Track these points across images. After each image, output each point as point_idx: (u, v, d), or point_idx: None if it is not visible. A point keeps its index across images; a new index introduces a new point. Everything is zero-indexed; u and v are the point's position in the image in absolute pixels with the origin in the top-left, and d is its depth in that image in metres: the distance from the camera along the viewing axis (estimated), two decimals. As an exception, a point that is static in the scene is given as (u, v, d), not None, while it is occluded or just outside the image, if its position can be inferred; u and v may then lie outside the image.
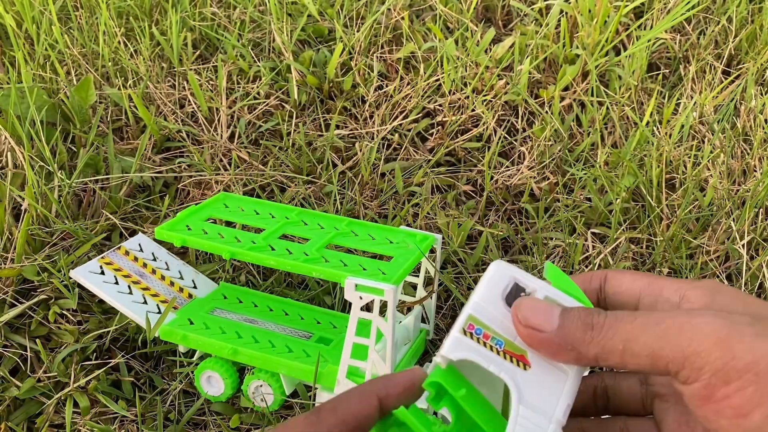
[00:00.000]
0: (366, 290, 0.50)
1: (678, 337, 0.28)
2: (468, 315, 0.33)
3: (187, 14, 0.93)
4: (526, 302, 0.32)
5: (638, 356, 0.29)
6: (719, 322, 0.28)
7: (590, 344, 0.30)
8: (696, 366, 0.28)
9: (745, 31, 0.94)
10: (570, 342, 0.31)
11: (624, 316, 0.30)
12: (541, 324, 0.31)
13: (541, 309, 0.32)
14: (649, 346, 0.29)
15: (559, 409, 0.32)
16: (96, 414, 0.59)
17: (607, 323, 0.30)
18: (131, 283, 0.61)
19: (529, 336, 0.31)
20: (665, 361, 0.28)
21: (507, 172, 0.80)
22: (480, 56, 0.88)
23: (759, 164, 0.80)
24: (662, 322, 0.29)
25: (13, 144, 0.73)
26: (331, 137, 0.80)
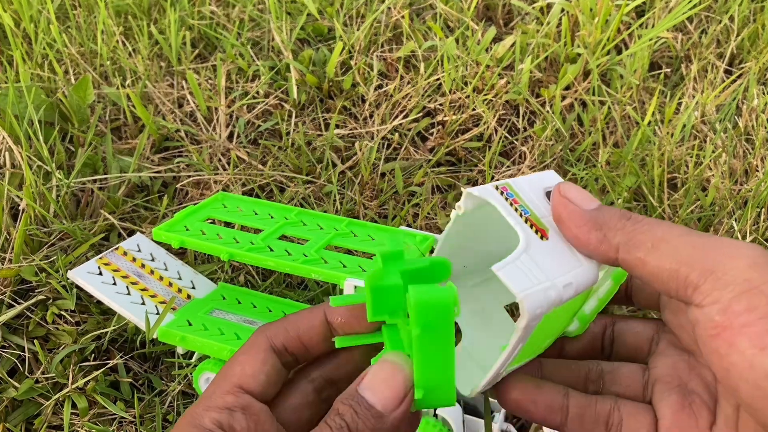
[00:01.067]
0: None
1: (713, 251, 0.26)
2: (506, 181, 0.33)
3: (186, 13, 0.93)
4: (571, 185, 0.31)
5: (664, 258, 0.27)
6: (762, 251, 0.26)
7: (620, 230, 0.29)
8: (721, 282, 0.25)
9: (747, 30, 0.93)
10: (600, 223, 0.29)
11: (664, 222, 0.28)
12: (579, 200, 0.30)
13: (584, 193, 0.30)
14: (679, 250, 0.27)
15: (562, 279, 0.30)
16: (94, 415, 0.59)
17: (645, 220, 0.29)
18: (129, 283, 0.61)
19: (563, 205, 0.30)
20: (690, 270, 0.26)
21: (508, 171, 0.80)
22: (481, 55, 0.87)
23: (761, 164, 0.79)
24: (702, 236, 0.27)
25: (11, 143, 0.72)
26: (331, 137, 0.80)
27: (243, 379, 0.30)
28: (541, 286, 0.29)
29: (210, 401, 0.29)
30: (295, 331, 0.31)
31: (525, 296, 0.28)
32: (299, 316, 0.32)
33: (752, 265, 0.25)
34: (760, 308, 0.24)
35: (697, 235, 0.27)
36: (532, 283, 0.29)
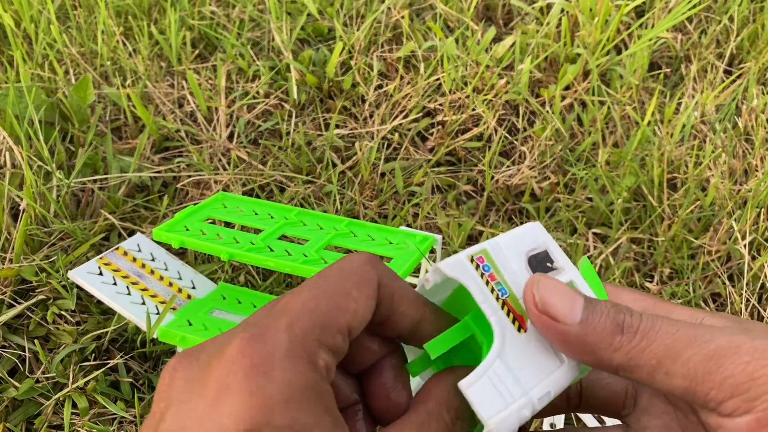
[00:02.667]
0: None
1: (733, 360, 0.23)
2: (482, 248, 0.29)
3: (186, 13, 0.93)
4: (547, 282, 0.26)
5: (673, 377, 0.24)
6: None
7: (616, 351, 0.25)
8: (751, 395, 0.23)
9: (746, 31, 0.94)
10: (592, 343, 0.25)
11: (664, 324, 0.25)
12: (561, 313, 0.26)
13: (564, 295, 0.26)
14: (691, 367, 0.24)
15: (537, 390, 0.27)
16: (95, 415, 0.59)
17: (642, 329, 0.25)
18: (130, 283, 0.61)
19: (544, 324, 0.26)
20: (709, 386, 0.24)
21: (508, 171, 0.80)
22: (480, 55, 0.87)
23: (761, 164, 0.79)
24: (714, 339, 0.24)
25: (11, 143, 0.72)
26: (331, 137, 0.80)
27: (354, 321, 0.24)
28: (515, 406, 0.26)
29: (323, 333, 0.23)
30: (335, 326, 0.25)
31: (495, 424, 0.25)
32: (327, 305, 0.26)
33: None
34: None
35: (704, 338, 0.24)
36: (505, 403, 0.26)
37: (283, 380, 0.21)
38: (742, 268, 0.69)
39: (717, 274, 0.69)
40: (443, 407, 0.25)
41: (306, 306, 0.23)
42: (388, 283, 0.26)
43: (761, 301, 0.68)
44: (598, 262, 0.70)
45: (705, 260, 0.70)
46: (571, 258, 0.70)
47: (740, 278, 0.69)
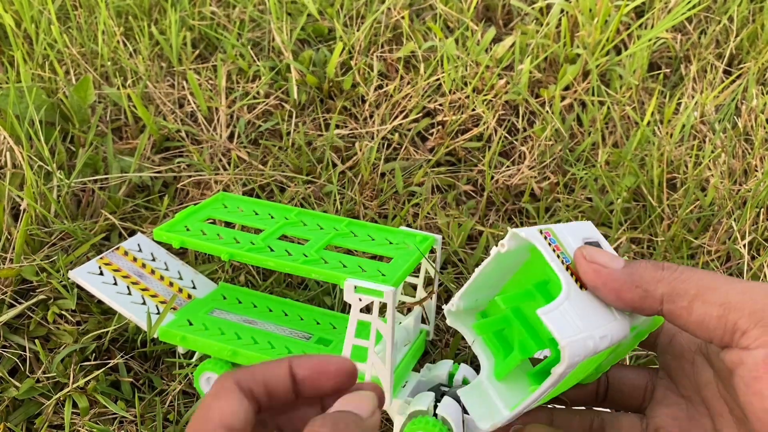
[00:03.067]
0: (365, 292, 0.50)
1: (761, 296, 0.26)
2: (549, 227, 0.34)
3: (187, 13, 0.93)
4: (593, 248, 0.31)
5: (710, 304, 0.27)
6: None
7: (660, 282, 0.29)
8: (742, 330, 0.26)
9: (746, 31, 0.94)
10: (637, 279, 0.29)
11: (700, 270, 0.29)
12: (607, 261, 0.30)
13: (608, 253, 0.31)
14: (726, 296, 0.27)
15: (599, 331, 0.31)
16: (95, 415, 0.59)
17: (680, 269, 0.29)
18: (130, 283, 0.61)
19: (594, 271, 0.30)
20: (738, 315, 0.26)
21: (507, 171, 0.80)
22: (480, 56, 0.87)
23: (760, 164, 0.79)
24: (746, 282, 0.27)
25: (11, 144, 0.72)
26: (331, 137, 0.80)
27: (225, 418, 0.29)
28: (581, 336, 0.30)
29: None
30: (261, 377, 0.31)
31: (567, 344, 0.29)
32: (266, 364, 0.32)
33: None
34: None
35: (740, 281, 0.27)
36: (574, 332, 0.30)
37: None
38: (742, 268, 0.69)
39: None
40: None
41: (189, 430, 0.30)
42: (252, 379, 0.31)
43: (761, 301, 0.68)
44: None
45: (705, 260, 0.70)
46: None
47: (740, 278, 0.69)
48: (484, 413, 0.34)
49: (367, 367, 0.52)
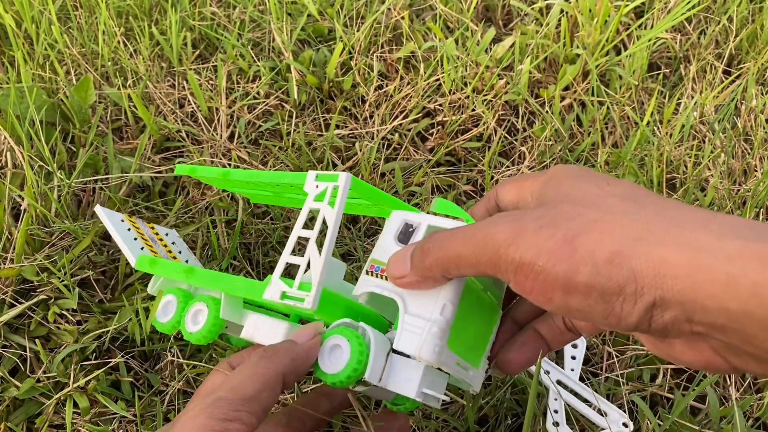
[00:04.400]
0: (323, 178, 0.44)
1: (485, 248, 0.33)
2: (370, 258, 0.42)
3: (187, 14, 0.93)
4: (392, 257, 0.39)
5: (467, 267, 0.35)
6: (510, 227, 0.33)
7: (432, 268, 0.36)
8: (503, 268, 0.33)
9: (745, 31, 0.94)
10: (420, 273, 0.37)
11: (446, 236, 0.36)
12: (399, 272, 0.38)
13: (399, 258, 0.38)
14: (469, 258, 0.34)
15: (436, 310, 0.38)
16: (95, 414, 0.59)
17: (434, 246, 0.36)
18: (141, 239, 0.59)
19: (399, 285, 0.39)
20: (484, 267, 0.34)
21: (507, 172, 0.80)
22: (480, 56, 0.87)
23: (759, 164, 0.79)
24: (473, 236, 0.34)
25: (12, 144, 0.72)
26: (331, 137, 0.80)
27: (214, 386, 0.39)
28: (425, 331, 0.37)
29: (188, 414, 0.37)
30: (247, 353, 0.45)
31: (418, 351, 0.37)
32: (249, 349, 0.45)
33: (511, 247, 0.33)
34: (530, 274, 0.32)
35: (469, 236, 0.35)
36: (418, 336, 0.37)
37: None
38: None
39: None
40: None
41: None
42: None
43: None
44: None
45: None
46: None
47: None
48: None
49: (303, 259, 0.43)
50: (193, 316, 0.49)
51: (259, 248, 0.71)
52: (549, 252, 0.31)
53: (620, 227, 0.31)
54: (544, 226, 0.32)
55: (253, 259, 0.71)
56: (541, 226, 0.32)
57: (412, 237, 0.42)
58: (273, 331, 0.44)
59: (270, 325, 0.45)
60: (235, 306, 0.49)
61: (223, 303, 0.48)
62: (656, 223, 0.30)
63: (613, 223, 0.31)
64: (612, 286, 0.30)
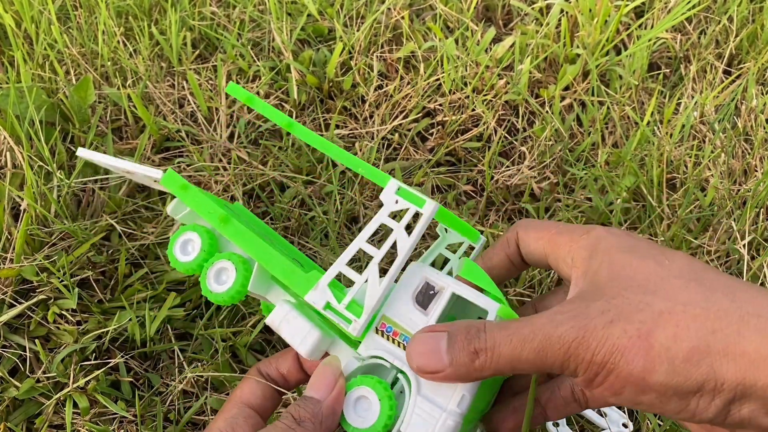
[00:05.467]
0: (406, 196, 0.40)
1: (550, 349, 0.32)
2: (382, 315, 0.38)
3: (187, 14, 0.93)
4: (416, 347, 0.35)
5: (525, 368, 0.33)
6: (575, 326, 0.32)
7: (483, 370, 0.34)
8: (572, 368, 0.32)
9: (746, 31, 0.94)
10: (463, 374, 0.34)
11: (501, 336, 0.33)
12: (432, 366, 0.34)
13: (430, 349, 0.34)
14: (530, 361, 0.33)
15: (454, 401, 0.35)
16: (95, 414, 0.59)
17: (488, 347, 0.33)
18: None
19: (427, 378, 0.35)
20: (548, 367, 0.33)
21: (507, 171, 0.80)
22: (480, 56, 0.87)
23: (760, 164, 0.79)
24: (534, 338, 0.32)
25: (12, 144, 0.72)
26: (331, 137, 0.80)
27: (243, 396, 0.38)
28: (439, 422, 0.35)
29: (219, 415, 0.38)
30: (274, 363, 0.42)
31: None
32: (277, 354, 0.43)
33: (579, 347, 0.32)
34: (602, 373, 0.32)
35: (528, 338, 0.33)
36: (431, 425, 0.35)
37: None
38: (742, 268, 0.69)
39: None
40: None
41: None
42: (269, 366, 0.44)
43: (760, 301, 0.68)
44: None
45: (704, 260, 0.70)
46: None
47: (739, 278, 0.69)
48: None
49: (360, 278, 0.40)
50: (216, 273, 0.44)
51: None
52: (623, 350, 0.30)
53: (693, 319, 0.30)
54: (613, 321, 0.31)
55: (253, 259, 0.71)
56: (611, 320, 0.31)
57: (434, 302, 0.38)
58: (302, 335, 0.40)
59: (301, 326, 0.40)
60: (265, 278, 0.44)
61: (254, 276, 0.43)
62: (731, 312, 0.29)
63: (685, 314, 0.30)
64: (690, 385, 0.29)
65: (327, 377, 0.38)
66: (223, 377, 0.61)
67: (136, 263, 0.69)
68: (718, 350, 0.29)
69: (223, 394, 0.61)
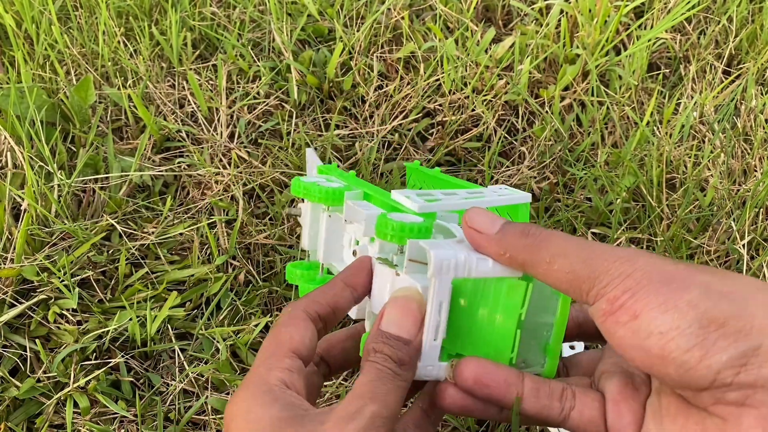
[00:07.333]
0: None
1: (597, 261, 0.31)
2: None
3: (187, 14, 0.93)
4: (475, 209, 0.36)
5: (560, 271, 0.32)
6: (633, 251, 0.31)
7: (522, 250, 0.33)
8: (603, 283, 0.30)
9: (745, 31, 0.94)
10: (505, 245, 0.34)
11: (559, 234, 0.33)
12: (483, 227, 0.34)
13: (487, 216, 0.35)
14: (572, 264, 0.32)
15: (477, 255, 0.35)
16: (96, 414, 0.59)
17: (542, 235, 0.33)
18: None
19: (470, 236, 0.35)
20: (581, 280, 0.31)
21: (507, 171, 0.80)
22: (480, 56, 0.87)
23: (759, 164, 0.79)
24: (590, 247, 0.32)
25: (12, 144, 0.73)
26: (331, 137, 0.80)
27: (293, 345, 0.34)
28: (452, 251, 0.34)
29: (271, 363, 0.34)
30: (324, 300, 0.36)
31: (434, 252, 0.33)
32: (323, 288, 0.37)
33: (623, 261, 0.30)
34: (632, 288, 0.29)
35: (585, 245, 0.32)
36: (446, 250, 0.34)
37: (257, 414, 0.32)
38: (741, 267, 0.69)
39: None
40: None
41: (261, 354, 0.35)
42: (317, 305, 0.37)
43: (760, 301, 0.68)
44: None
45: (704, 260, 0.70)
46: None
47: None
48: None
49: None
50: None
51: (260, 248, 0.71)
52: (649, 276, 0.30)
53: (741, 279, 0.30)
54: (665, 261, 0.31)
55: (253, 259, 0.71)
56: (663, 261, 0.31)
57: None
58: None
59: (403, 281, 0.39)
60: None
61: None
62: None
63: (731, 274, 0.30)
64: (716, 314, 0.27)
65: (414, 314, 0.35)
66: (224, 377, 0.62)
67: (137, 263, 0.69)
68: (758, 300, 0.28)
69: (223, 394, 0.61)
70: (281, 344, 0.34)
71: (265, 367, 0.33)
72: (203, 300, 0.67)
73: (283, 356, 0.34)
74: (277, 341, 0.34)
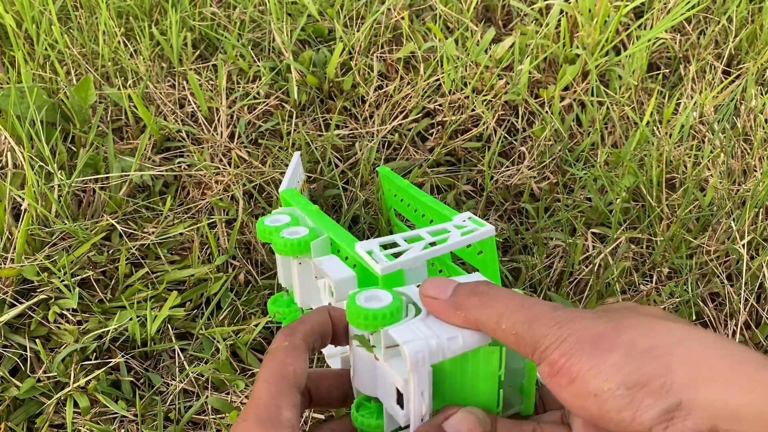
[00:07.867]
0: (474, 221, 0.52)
1: (536, 324, 0.32)
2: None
3: (187, 14, 0.93)
4: (429, 280, 0.37)
5: (507, 332, 0.33)
6: (571, 313, 0.32)
7: (473, 309, 0.35)
8: (543, 346, 0.32)
9: (745, 31, 0.94)
10: (458, 305, 0.35)
11: (506, 293, 0.35)
12: (437, 293, 0.36)
13: (439, 283, 0.37)
14: (515, 325, 0.33)
15: (447, 335, 0.35)
16: (96, 414, 0.59)
17: (489, 294, 0.35)
18: None
19: (428, 305, 0.37)
20: (525, 342, 0.33)
21: (507, 171, 0.80)
22: (480, 56, 0.87)
23: (759, 164, 0.80)
24: (531, 308, 0.33)
25: (12, 144, 0.73)
26: (331, 137, 0.80)
27: (297, 381, 0.36)
28: (425, 339, 0.34)
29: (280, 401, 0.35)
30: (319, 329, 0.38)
31: (407, 347, 0.34)
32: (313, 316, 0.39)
33: (562, 326, 0.32)
34: (567, 352, 0.31)
35: (527, 305, 0.33)
36: (417, 336, 0.35)
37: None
38: (741, 267, 0.69)
39: (715, 274, 0.70)
40: None
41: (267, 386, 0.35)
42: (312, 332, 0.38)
43: (759, 301, 0.68)
44: (597, 261, 0.70)
45: (703, 260, 0.70)
46: (570, 257, 0.71)
47: (738, 278, 0.69)
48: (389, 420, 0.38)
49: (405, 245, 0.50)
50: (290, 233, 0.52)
51: (259, 248, 0.71)
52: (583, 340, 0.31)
53: (666, 328, 0.31)
54: (590, 317, 0.32)
55: (253, 259, 0.71)
56: (595, 317, 0.32)
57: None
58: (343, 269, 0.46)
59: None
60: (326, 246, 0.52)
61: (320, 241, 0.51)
62: (702, 332, 0.30)
63: (657, 323, 0.31)
64: (638, 376, 0.29)
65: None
66: (224, 377, 0.62)
67: (137, 263, 0.69)
68: (679, 354, 0.29)
69: (223, 394, 0.61)
70: (286, 379, 0.36)
71: (275, 405, 0.35)
72: (203, 300, 0.67)
73: (289, 393, 0.35)
74: (282, 376, 0.36)
